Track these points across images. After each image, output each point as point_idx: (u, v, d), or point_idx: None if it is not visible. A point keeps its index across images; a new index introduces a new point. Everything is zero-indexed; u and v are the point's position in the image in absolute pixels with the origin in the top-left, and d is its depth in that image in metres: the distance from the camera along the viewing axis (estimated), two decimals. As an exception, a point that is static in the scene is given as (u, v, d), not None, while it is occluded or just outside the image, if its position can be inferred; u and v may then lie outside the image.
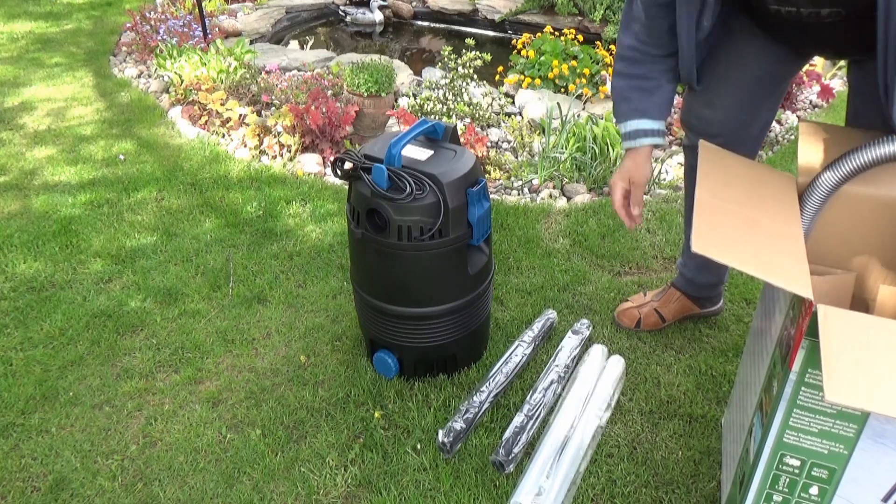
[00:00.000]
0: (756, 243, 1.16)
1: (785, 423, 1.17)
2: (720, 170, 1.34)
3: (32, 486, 1.60)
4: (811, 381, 1.12)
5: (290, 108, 3.01)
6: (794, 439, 1.17)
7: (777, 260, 1.13)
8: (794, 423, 1.16)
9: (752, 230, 1.19)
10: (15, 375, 1.90)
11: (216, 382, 1.87)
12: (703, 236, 1.13)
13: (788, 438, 1.17)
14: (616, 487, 1.57)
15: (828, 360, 0.95)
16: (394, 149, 1.59)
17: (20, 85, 3.85)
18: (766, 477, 1.22)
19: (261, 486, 1.58)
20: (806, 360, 1.11)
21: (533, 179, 2.87)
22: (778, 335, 1.28)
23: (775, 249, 1.16)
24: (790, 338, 1.18)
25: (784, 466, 1.20)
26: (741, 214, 1.23)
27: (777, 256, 1.14)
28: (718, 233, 1.16)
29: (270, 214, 2.61)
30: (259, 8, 5.04)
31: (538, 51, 3.74)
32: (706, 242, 1.12)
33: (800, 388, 1.13)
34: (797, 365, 1.12)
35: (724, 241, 1.15)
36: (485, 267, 1.77)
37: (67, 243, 2.45)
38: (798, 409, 1.15)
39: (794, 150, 3.07)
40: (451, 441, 1.61)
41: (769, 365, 1.30)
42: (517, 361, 1.84)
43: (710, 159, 1.36)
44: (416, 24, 5.42)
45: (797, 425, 1.16)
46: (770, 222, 1.23)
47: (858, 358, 0.96)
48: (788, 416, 1.16)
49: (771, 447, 1.19)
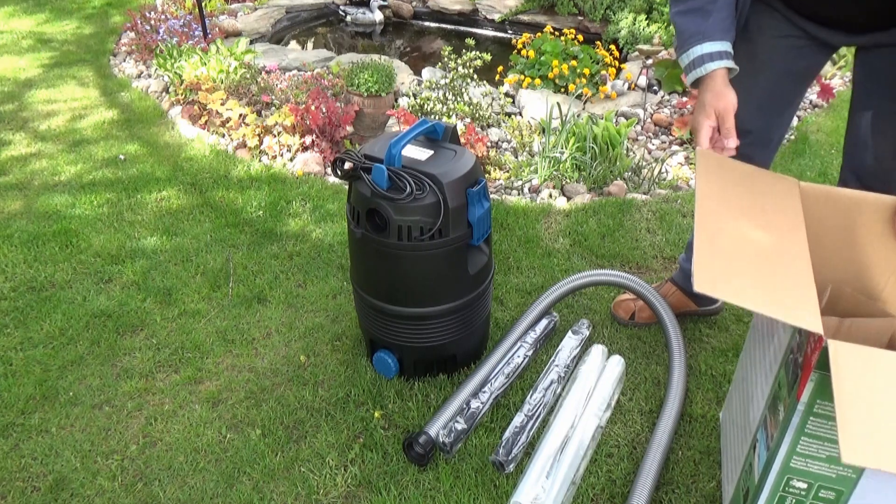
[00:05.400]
0: (762, 273, 1.11)
1: (792, 449, 1.15)
2: (719, 181, 1.29)
3: (32, 486, 1.60)
4: (820, 412, 1.10)
5: (290, 108, 3.01)
6: (801, 464, 1.16)
7: (785, 291, 1.08)
8: (801, 450, 1.15)
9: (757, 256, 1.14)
10: (15, 375, 1.90)
11: (216, 382, 1.87)
12: (705, 271, 1.08)
13: (796, 464, 1.16)
14: (616, 487, 1.57)
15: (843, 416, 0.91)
16: (394, 149, 1.59)
17: (21, 85, 3.84)
18: (772, 497, 1.21)
19: (261, 486, 1.58)
20: (815, 392, 1.09)
21: (533, 179, 2.87)
22: (783, 356, 1.25)
23: (782, 278, 1.11)
24: (797, 365, 1.15)
25: (790, 489, 1.19)
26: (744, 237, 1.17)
27: (784, 286, 1.09)
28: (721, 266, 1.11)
29: (270, 214, 2.61)
30: (259, 8, 5.04)
31: (538, 51, 3.74)
32: (709, 280, 1.07)
33: (808, 418, 1.12)
34: (806, 395, 1.10)
35: (727, 276, 1.09)
36: (485, 267, 1.77)
37: (67, 243, 2.45)
38: (806, 437, 1.14)
39: (794, 150, 3.07)
40: (451, 441, 1.61)
41: (773, 384, 1.28)
42: (518, 363, 1.84)
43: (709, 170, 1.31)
44: (416, 24, 5.41)
45: (805, 452, 1.15)
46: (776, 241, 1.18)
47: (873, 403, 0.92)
48: (796, 444, 1.15)
49: (777, 471, 1.18)
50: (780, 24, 1.51)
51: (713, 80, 1.41)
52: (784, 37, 1.51)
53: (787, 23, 1.51)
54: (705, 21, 1.41)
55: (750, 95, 1.57)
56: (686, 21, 1.43)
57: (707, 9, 1.42)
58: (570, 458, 1.56)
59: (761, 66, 1.55)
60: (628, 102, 3.55)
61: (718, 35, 1.41)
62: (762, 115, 1.60)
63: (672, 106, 3.53)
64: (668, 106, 3.54)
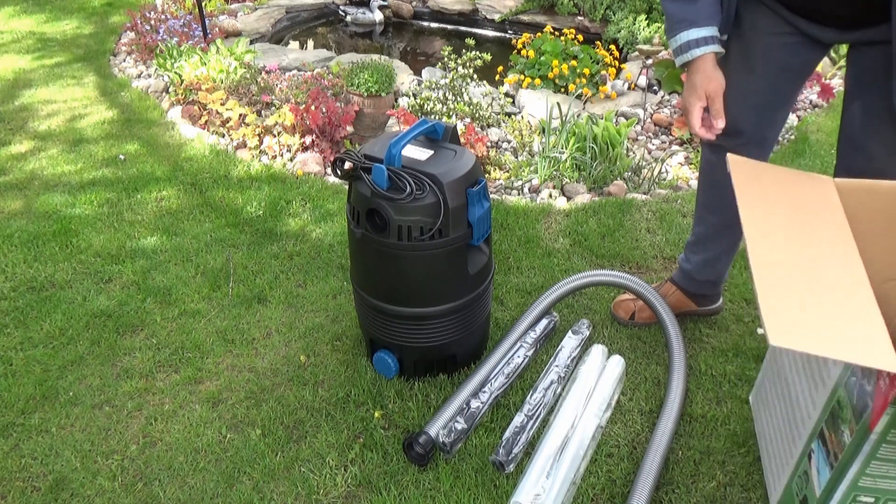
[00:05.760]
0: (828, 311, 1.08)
1: (862, 471, 1.17)
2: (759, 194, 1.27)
3: (32, 486, 1.60)
4: (893, 440, 1.12)
5: (290, 108, 3.01)
6: (870, 483, 1.18)
7: (855, 329, 1.06)
8: (871, 472, 1.17)
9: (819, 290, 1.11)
10: (15, 375, 1.90)
11: (216, 382, 1.87)
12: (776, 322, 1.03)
13: (864, 483, 1.18)
14: (616, 487, 1.57)
15: None
16: (394, 149, 1.59)
17: (21, 85, 3.84)
18: None
19: (261, 486, 1.58)
20: (889, 424, 1.11)
21: (533, 179, 2.87)
22: (840, 374, 1.24)
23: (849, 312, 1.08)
24: (866, 394, 1.14)
25: (856, 503, 1.21)
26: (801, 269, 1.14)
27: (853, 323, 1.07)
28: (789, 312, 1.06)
29: (270, 214, 2.61)
30: (259, 8, 5.04)
31: (538, 51, 3.74)
32: (784, 332, 1.03)
33: (880, 446, 1.13)
34: (880, 427, 1.11)
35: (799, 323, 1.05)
36: (485, 267, 1.77)
37: (67, 243, 2.45)
38: (876, 461, 1.15)
39: (794, 150, 3.07)
40: (451, 441, 1.61)
41: (831, 398, 1.26)
42: (518, 363, 1.84)
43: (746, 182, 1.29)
44: (416, 24, 5.41)
45: (875, 473, 1.17)
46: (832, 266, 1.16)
47: None
48: (866, 467, 1.16)
49: (845, 489, 1.20)
50: (773, 21, 1.51)
51: (703, 63, 1.48)
52: (777, 34, 1.51)
53: (779, 19, 1.51)
54: (692, 6, 1.46)
55: (744, 94, 1.57)
56: (674, 7, 1.48)
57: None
58: (570, 458, 1.56)
59: (755, 65, 1.55)
60: (628, 102, 3.55)
61: (704, 21, 1.47)
62: (756, 114, 1.60)
63: (672, 106, 3.53)
64: (668, 106, 3.54)
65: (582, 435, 1.61)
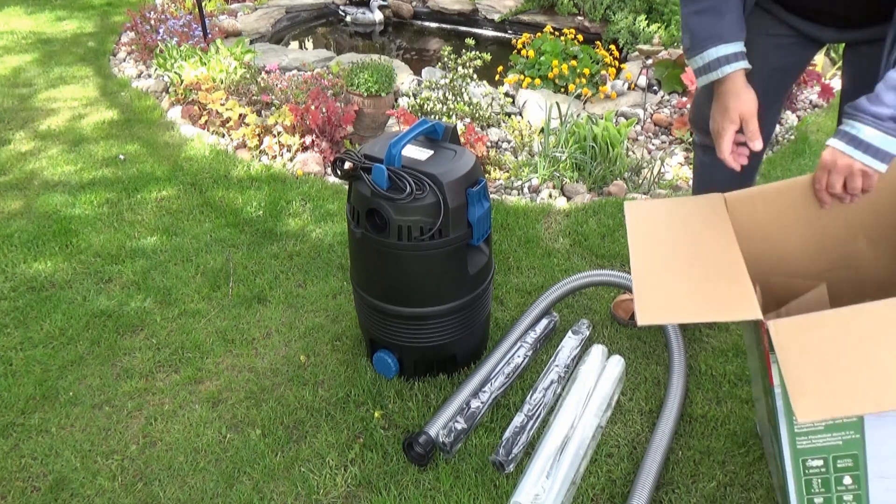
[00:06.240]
0: (698, 286, 1.18)
1: (791, 431, 1.19)
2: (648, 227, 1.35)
3: (32, 486, 1.60)
4: None
5: (290, 107, 3.01)
6: (807, 443, 1.19)
7: (722, 295, 1.15)
8: (799, 430, 1.18)
9: (690, 272, 1.21)
10: (15, 375, 1.90)
11: (216, 382, 1.87)
12: (646, 309, 1.16)
13: (802, 444, 1.19)
14: (616, 487, 1.57)
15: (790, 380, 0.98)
16: (394, 149, 1.59)
17: (21, 85, 3.85)
18: (798, 485, 1.24)
19: (261, 486, 1.58)
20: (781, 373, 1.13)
21: (533, 179, 2.87)
22: (758, 351, 1.30)
23: (717, 283, 1.18)
24: (763, 355, 1.21)
25: (809, 470, 1.22)
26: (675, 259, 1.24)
27: (721, 290, 1.16)
28: (659, 294, 1.18)
29: (270, 214, 2.61)
30: (259, 8, 5.04)
31: (538, 50, 3.74)
32: (652, 313, 1.15)
33: (788, 398, 1.15)
34: (776, 378, 1.16)
35: (666, 301, 1.17)
36: (485, 267, 1.77)
37: (67, 243, 2.45)
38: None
39: (794, 150, 3.07)
40: (451, 441, 1.61)
41: (760, 380, 1.33)
42: (518, 363, 1.84)
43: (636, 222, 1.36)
44: (416, 24, 5.41)
45: (803, 430, 1.18)
46: (706, 254, 1.24)
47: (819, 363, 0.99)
48: (792, 425, 1.18)
49: (790, 457, 1.21)
50: (768, 22, 1.51)
51: (733, 83, 1.39)
52: (772, 35, 1.51)
53: (775, 21, 1.51)
54: (720, 21, 1.39)
55: None
56: (700, 22, 1.40)
57: (720, 8, 1.39)
58: (570, 458, 1.56)
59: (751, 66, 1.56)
60: (628, 102, 3.55)
61: (733, 36, 1.39)
62: None
63: (672, 106, 3.53)
64: (668, 106, 3.54)
65: (582, 435, 1.61)
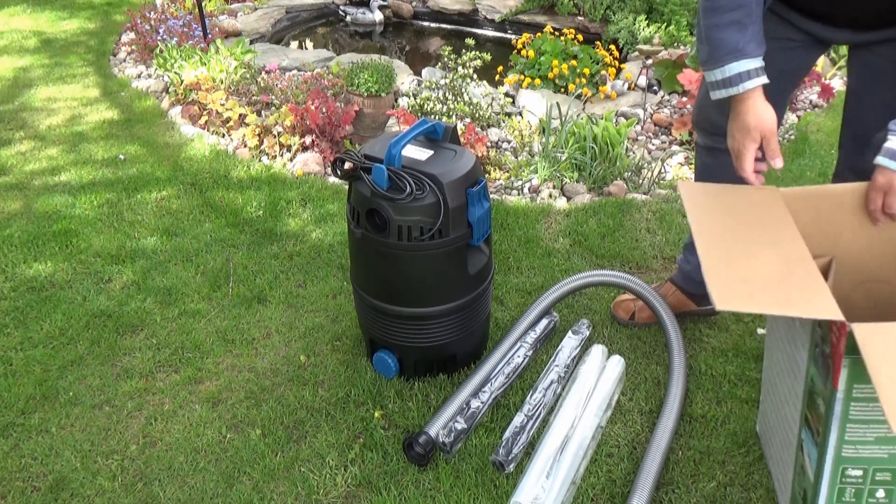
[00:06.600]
0: (772, 279, 1.16)
1: (841, 438, 1.18)
2: (707, 208, 1.34)
3: (32, 486, 1.60)
4: (860, 396, 1.13)
5: (290, 107, 3.01)
6: (852, 452, 1.18)
7: (797, 290, 1.13)
8: (849, 438, 1.17)
9: (763, 265, 1.19)
10: (15, 375, 1.90)
11: (216, 382, 1.87)
12: (723, 295, 1.12)
13: (847, 452, 1.19)
14: (616, 487, 1.57)
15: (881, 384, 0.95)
16: (394, 149, 1.59)
17: (21, 85, 3.85)
18: (831, 492, 1.23)
19: (261, 486, 1.58)
20: (850, 377, 1.12)
21: (533, 179, 2.87)
22: (808, 351, 1.26)
23: (790, 278, 1.16)
24: (826, 356, 1.16)
25: (847, 478, 1.21)
26: (746, 250, 1.22)
27: (795, 286, 1.14)
28: (734, 282, 1.15)
29: (270, 214, 2.61)
30: (259, 8, 5.04)
31: (538, 51, 3.74)
32: (730, 301, 1.12)
33: (849, 405, 1.14)
34: (842, 383, 1.13)
35: (742, 289, 1.14)
36: (485, 267, 1.77)
37: (67, 243, 2.46)
38: (851, 424, 1.16)
39: (794, 150, 3.07)
40: (451, 441, 1.61)
41: (805, 381, 1.28)
42: (518, 363, 1.84)
43: (695, 201, 1.35)
44: (416, 24, 5.41)
45: (853, 438, 1.17)
46: (776, 247, 1.23)
47: None
48: (843, 432, 1.17)
49: (831, 464, 1.20)
50: (776, 26, 1.51)
51: (752, 100, 1.37)
52: (779, 39, 1.51)
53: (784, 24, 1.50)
54: (743, 35, 1.36)
55: None
56: (723, 35, 1.37)
57: (744, 21, 1.36)
58: (571, 458, 1.56)
59: None
60: (628, 102, 3.55)
61: (755, 50, 1.37)
62: None
63: (672, 106, 3.53)
64: (668, 106, 3.54)
65: (582, 435, 1.61)
